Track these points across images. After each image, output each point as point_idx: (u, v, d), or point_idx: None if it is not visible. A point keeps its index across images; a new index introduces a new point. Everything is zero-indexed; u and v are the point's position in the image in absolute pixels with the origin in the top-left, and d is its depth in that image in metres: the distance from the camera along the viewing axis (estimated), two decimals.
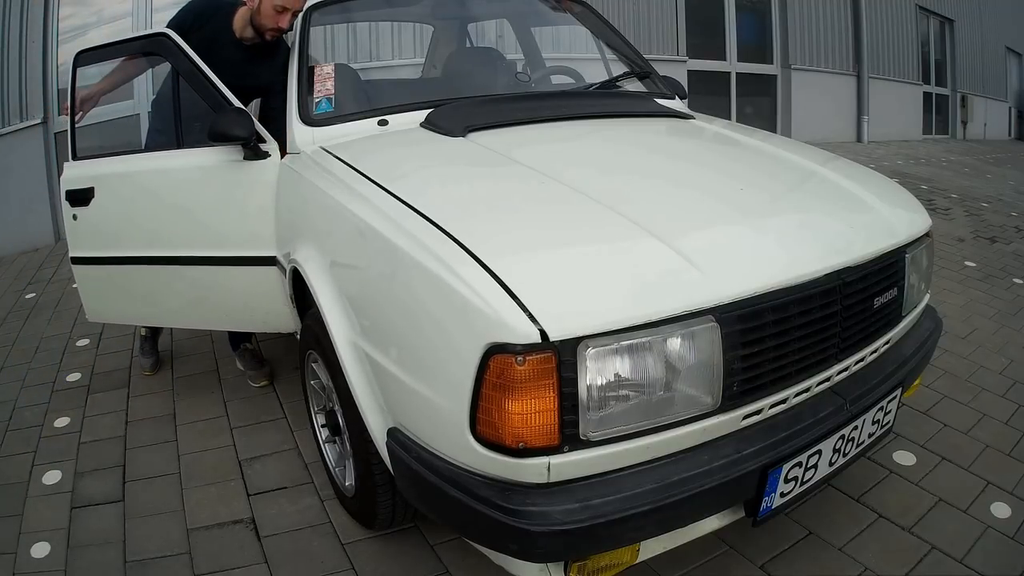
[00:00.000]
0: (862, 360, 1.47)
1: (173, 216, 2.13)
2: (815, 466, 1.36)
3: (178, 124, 2.13)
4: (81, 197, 2.15)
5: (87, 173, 2.16)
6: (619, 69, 2.47)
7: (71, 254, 2.25)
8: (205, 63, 2.04)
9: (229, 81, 2.04)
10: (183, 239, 2.14)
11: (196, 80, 2.04)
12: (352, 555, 1.70)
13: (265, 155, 1.99)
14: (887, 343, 1.55)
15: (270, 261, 2.06)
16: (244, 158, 1.98)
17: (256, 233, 2.04)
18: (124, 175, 2.16)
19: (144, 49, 2.24)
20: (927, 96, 10.56)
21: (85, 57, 2.20)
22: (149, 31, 2.18)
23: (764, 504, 1.30)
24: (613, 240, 1.28)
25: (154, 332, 2.74)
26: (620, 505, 1.13)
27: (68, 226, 2.21)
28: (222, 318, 2.34)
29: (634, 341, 1.13)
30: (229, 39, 2.20)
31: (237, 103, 2.00)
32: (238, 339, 2.66)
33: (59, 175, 2.34)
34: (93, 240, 2.22)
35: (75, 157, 2.21)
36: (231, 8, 2.20)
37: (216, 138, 1.93)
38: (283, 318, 2.13)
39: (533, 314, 1.08)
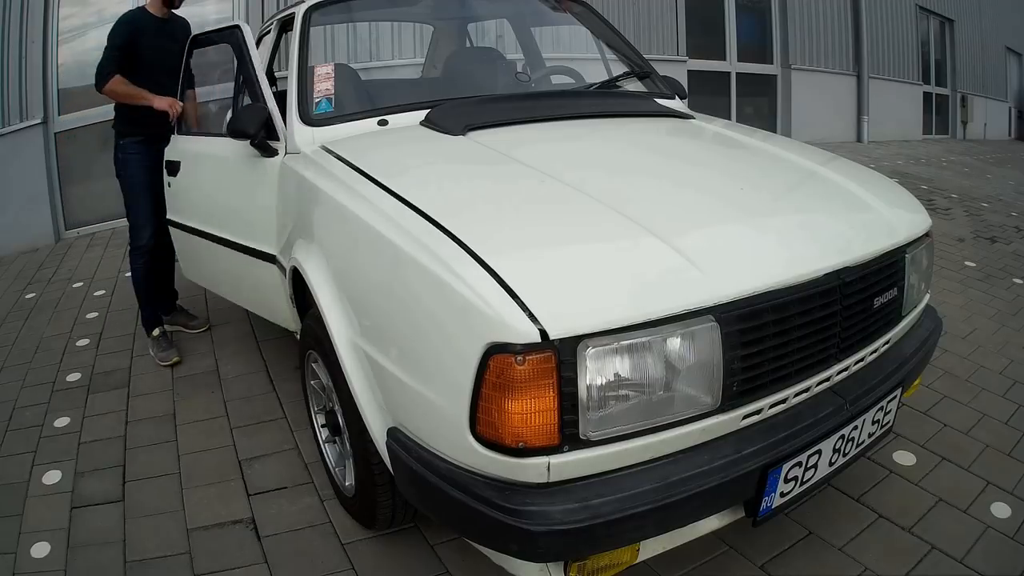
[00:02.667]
0: (862, 360, 1.47)
1: (217, 198, 2.38)
2: (815, 466, 1.36)
3: (236, 109, 2.38)
4: (173, 168, 2.59)
5: (178, 147, 2.59)
6: (619, 69, 2.47)
7: (167, 216, 2.70)
8: (158, 64, 2.61)
9: (160, 55, 2.61)
10: (222, 222, 2.36)
11: (247, 72, 2.18)
12: (352, 555, 1.70)
13: (273, 152, 2.00)
14: (887, 343, 1.55)
15: (272, 258, 2.07)
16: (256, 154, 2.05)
17: (265, 229, 2.08)
18: (194, 155, 2.48)
19: (219, 39, 2.57)
20: (927, 96, 10.57)
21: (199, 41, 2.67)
22: (227, 23, 2.43)
23: (764, 504, 1.30)
24: (613, 239, 1.28)
25: (163, 330, 2.88)
26: (620, 505, 1.13)
27: (166, 191, 2.68)
28: (253, 304, 2.51)
29: (634, 341, 1.13)
30: (159, 30, 2.65)
31: (271, 100, 2.06)
32: (151, 323, 2.85)
33: (59, 175, 2.59)
34: (175, 207, 2.64)
35: (177, 132, 2.65)
36: (141, 11, 2.66)
37: (231, 133, 2.02)
38: (287, 316, 2.14)
39: (533, 313, 1.08)
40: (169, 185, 2.63)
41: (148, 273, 2.81)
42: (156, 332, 2.83)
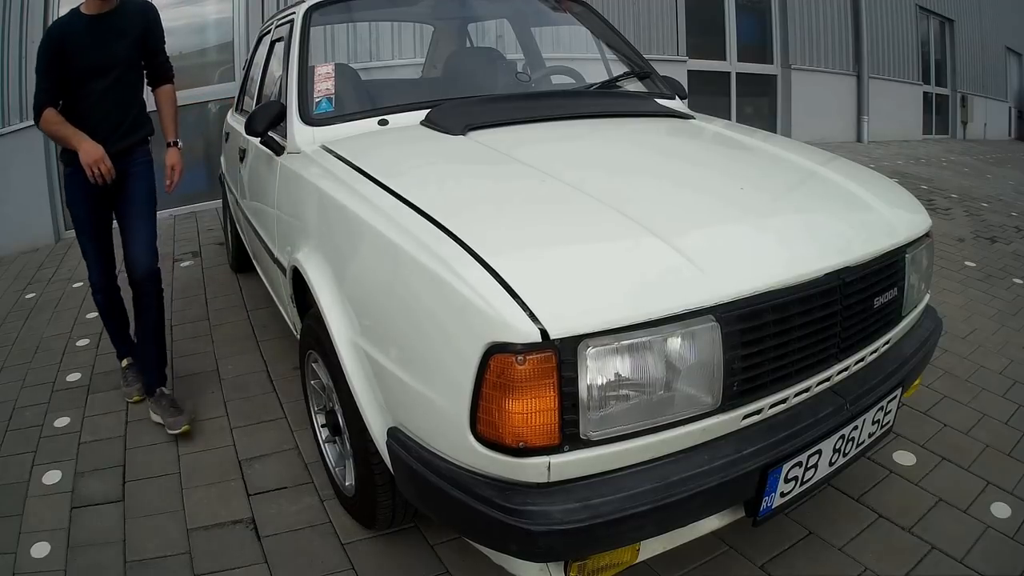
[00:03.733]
0: (862, 360, 1.47)
1: (255, 193, 2.50)
2: (815, 466, 1.36)
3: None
4: (241, 155, 2.75)
5: (245, 135, 2.49)
6: (619, 69, 2.47)
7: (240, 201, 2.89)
8: (95, 70, 2.17)
9: (98, 60, 2.17)
10: (259, 219, 2.43)
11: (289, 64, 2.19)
12: (352, 555, 1.70)
13: (281, 150, 2.02)
14: (887, 343, 1.55)
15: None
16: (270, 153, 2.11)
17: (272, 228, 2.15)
18: (252, 145, 2.46)
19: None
20: (927, 96, 10.58)
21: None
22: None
23: (764, 504, 1.30)
24: (614, 239, 1.28)
25: (131, 361, 2.53)
26: (620, 505, 1.13)
27: (238, 178, 2.90)
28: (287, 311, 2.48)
29: (634, 340, 1.13)
30: (95, 30, 2.17)
31: (293, 98, 2.03)
32: (153, 383, 2.40)
33: (59, 175, 2.56)
34: (243, 195, 2.79)
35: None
36: (71, 15, 2.20)
37: (246, 129, 2.09)
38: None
39: (534, 313, 1.08)
40: (240, 172, 2.80)
41: (110, 310, 2.49)
42: (124, 363, 2.56)
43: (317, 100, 2.01)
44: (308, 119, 1.97)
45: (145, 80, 2.40)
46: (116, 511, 1.90)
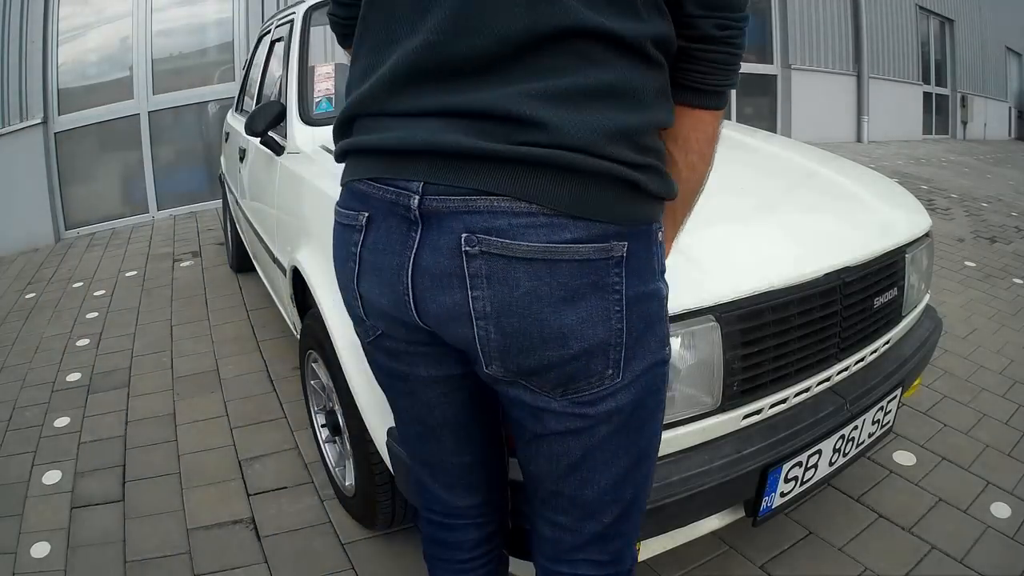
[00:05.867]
0: (862, 360, 1.47)
1: (257, 194, 2.48)
2: (815, 466, 1.36)
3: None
4: (241, 155, 2.75)
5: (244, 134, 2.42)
6: None
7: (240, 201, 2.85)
8: None
9: None
10: (258, 215, 2.44)
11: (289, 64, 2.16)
12: (352, 555, 1.70)
13: (281, 150, 2.02)
14: (887, 343, 1.55)
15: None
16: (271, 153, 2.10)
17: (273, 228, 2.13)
18: (253, 145, 2.44)
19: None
20: (927, 96, 10.58)
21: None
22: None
23: (764, 504, 1.30)
24: None
25: None
26: None
27: (237, 178, 2.90)
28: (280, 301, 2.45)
29: None
30: None
31: (293, 98, 2.02)
32: None
33: (59, 175, 2.46)
34: (243, 195, 2.78)
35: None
36: None
37: (246, 129, 2.08)
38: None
39: None
40: (239, 172, 2.77)
41: None
42: None
43: (317, 100, 2.01)
44: (308, 119, 1.97)
45: None
46: (116, 511, 1.90)
